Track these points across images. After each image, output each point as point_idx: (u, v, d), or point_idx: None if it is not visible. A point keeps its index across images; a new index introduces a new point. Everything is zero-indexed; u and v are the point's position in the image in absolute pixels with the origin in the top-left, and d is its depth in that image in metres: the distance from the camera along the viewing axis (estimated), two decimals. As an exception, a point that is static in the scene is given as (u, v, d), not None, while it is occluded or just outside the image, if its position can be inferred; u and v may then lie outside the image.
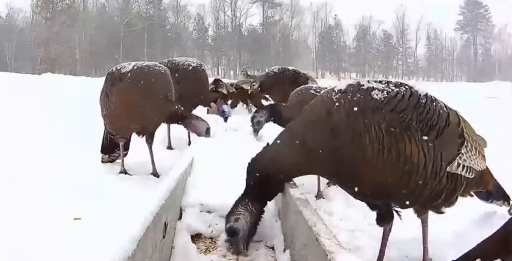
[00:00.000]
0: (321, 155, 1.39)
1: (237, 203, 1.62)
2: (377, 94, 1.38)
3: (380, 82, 1.46)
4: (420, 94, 1.43)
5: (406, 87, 1.44)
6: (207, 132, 2.95)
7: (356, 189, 1.46)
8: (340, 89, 1.44)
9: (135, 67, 2.66)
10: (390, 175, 1.35)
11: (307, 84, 4.77)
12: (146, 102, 2.63)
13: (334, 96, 1.42)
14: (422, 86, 1.55)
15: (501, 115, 4.73)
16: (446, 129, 1.41)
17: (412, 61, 51.02)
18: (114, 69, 2.78)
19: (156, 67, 2.72)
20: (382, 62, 49.05)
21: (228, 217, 1.61)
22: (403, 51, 50.32)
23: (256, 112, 3.29)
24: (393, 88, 1.41)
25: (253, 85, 5.56)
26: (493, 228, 1.78)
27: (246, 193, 1.62)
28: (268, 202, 1.66)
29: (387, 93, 1.38)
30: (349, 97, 1.39)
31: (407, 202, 1.48)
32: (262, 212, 1.65)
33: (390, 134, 1.33)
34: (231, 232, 1.58)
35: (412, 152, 1.34)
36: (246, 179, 1.61)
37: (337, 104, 1.39)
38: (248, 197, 1.61)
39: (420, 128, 1.36)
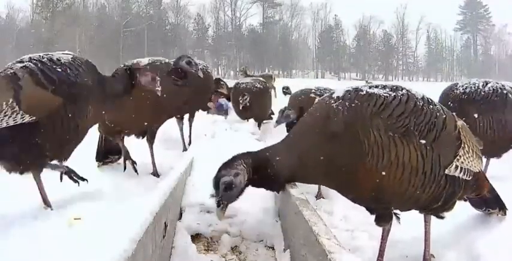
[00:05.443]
0: (320, 161, 1.40)
1: (239, 158, 1.48)
2: (374, 100, 1.38)
3: (377, 87, 1.46)
4: (417, 98, 1.43)
5: (404, 90, 1.44)
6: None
7: (355, 194, 1.46)
8: (338, 96, 1.45)
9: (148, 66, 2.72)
10: (389, 179, 1.36)
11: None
12: (162, 100, 2.66)
13: (333, 103, 1.43)
14: (422, 86, 1.55)
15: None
16: (443, 132, 1.41)
17: (412, 61, 51.00)
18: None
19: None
20: (382, 62, 49.01)
21: (225, 168, 1.46)
22: (403, 51, 50.31)
23: (288, 108, 3.27)
24: (390, 92, 1.42)
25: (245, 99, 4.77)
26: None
27: (251, 156, 1.49)
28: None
29: (384, 99, 1.39)
30: (347, 103, 1.40)
31: (406, 206, 1.49)
32: (253, 180, 1.49)
33: (388, 139, 1.34)
34: (228, 186, 1.43)
35: (410, 157, 1.35)
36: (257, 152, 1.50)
37: (335, 111, 1.40)
38: (251, 160, 1.48)
39: (418, 132, 1.37)
